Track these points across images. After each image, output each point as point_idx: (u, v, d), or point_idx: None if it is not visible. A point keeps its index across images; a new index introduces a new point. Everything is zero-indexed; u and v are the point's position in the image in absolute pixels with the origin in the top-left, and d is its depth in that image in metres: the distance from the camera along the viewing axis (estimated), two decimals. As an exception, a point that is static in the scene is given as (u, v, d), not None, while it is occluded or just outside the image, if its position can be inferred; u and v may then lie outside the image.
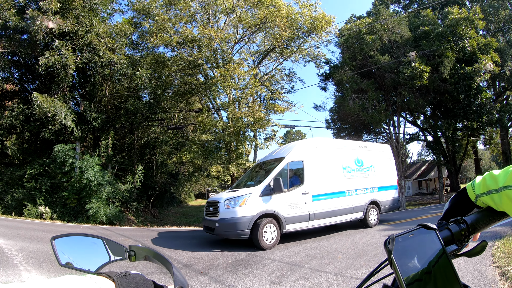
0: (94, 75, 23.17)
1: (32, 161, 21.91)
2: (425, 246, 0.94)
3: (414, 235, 0.97)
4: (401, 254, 0.92)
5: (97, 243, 1.30)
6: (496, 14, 33.22)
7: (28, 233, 12.52)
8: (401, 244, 0.94)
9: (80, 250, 1.29)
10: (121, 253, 1.28)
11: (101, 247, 1.28)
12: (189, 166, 24.81)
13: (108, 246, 1.28)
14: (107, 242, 1.29)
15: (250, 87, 22.85)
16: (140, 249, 1.27)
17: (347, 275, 7.00)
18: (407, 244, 0.95)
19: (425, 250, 0.93)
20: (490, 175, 1.05)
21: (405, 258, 0.91)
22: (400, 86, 28.01)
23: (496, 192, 1.00)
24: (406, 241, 0.95)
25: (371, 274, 1.08)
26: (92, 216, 19.35)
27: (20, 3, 20.70)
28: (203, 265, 8.33)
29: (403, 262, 0.90)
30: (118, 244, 1.29)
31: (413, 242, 0.95)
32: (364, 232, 13.33)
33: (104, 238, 1.30)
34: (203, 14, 25.22)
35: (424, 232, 0.97)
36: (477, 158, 45.68)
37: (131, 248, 1.28)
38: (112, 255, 1.27)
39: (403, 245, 0.94)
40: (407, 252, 0.93)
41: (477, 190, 1.08)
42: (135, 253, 1.27)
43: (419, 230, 0.98)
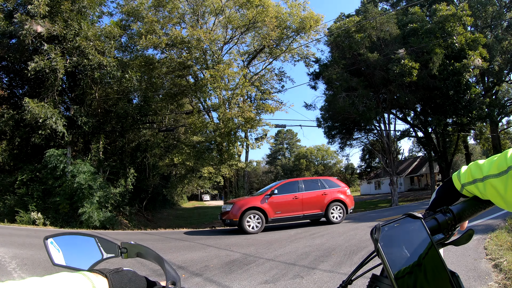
0: (83, 79, 23.04)
1: (23, 167, 21.74)
2: (411, 235, 0.95)
3: (400, 224, 0.98)
4: (388, 243, 0.93)
5: (89, 241, 1.30)
6: (483, 10, 33.42)
7: (21, 240, 12.42)
8: (387, 233, 0.95)
9: (73, 249, 1.30)
10: (113, 250, 1.29)
11: (93, 245, 1.29)
12: (181, 168, 24.82)
13: (101, 244, 1.29)
14: (99, 240, 1.30)
15: (240, 88, 22.89)
16: (132, 246, 1.28)
17: (341, 272, 7.02)
18: (393, 233, 0.96)
19: (411, 239, 0.94)
20: (475, 164, 1.07)
21: (392, 247, 0.92)
22: (390, 83, 28.11)
23: (480, 181, 1.02)
24: (392, 230, 0.96)
25: (361, 265, 1.09)
26: (85, 221, 19.26)
27: (8, 7, 20.56)
28: (197, 267, 8.31)
29: (390, 251, 0.91)
30: (110, 241, 1.30)
31: (399, 231, 0.96)
32: (358, 229, 13.39)
33: (96, 236, 1.31)
34: (192, 15, 25.21)
35: (410, 221, 0.98)
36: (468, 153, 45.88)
37: (123, 245, 1.28)
38: (104, 252, 1.28)
39: (389, 234, 0.95)
40: (394, 241, 0.94)
41: (462, 179, 1.11)
42: (127, 250, 1.28)
43: (405, 219, 0.99)
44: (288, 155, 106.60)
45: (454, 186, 1.14)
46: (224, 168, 21.65)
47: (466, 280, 5.82)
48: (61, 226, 19.45)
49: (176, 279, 1.04)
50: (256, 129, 24.30)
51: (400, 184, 50.78)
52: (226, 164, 21.94)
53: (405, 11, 32.00)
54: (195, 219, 33.18)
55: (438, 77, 27.53)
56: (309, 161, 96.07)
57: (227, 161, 22.20)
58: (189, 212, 43.89)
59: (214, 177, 21.75)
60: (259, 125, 24.07)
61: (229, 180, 23.99)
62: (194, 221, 30.87)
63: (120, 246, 1.29)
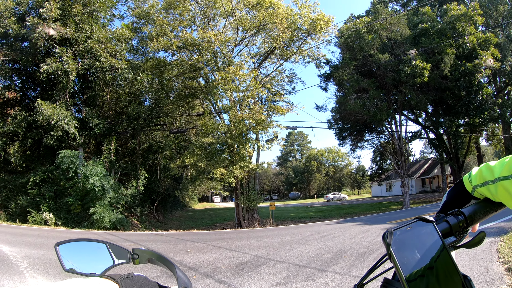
0: (95, 81, 23.23)
1: (35, 168, 21.96)
2: (423, 239, 0.95)
3: (412, 228, 0.98)
4: (400, 247, 0.93)
5: (100, 247, 1.32)
6: (495, 10, 33.14)
7: (33, 240, 12.54)
8: (399, 237, 0.96)
9: (84, 255, 1.31)
10: (124, 256, 1.30)
11: (104, 252, 1.30)
12: (192, 169, 24.82)
13: (112, 250, 1.30)
14: (110, 246, 1.31)
15: (251, 89, 22.87)
16: (143, 252, 1.29)
17: (353, 275, 7.00)
18: (405, 237, 0.96)
19: (423, 243, 0.94)
20: (486, 166, 1.06)
21: (404, 251, 0.93)
22: (401, 84, 27.94)
23: (492, 183, 1.01)
24: (404, 234, 0.97)
25: (372, 269, 1.09)
26: (96, 222, 19.38)
27: (20, 11, 20.77)
28: (208, 268, 8.33)
29: (402, 255, 0.91)
30: (121, 247, 1.31)
31: (411, 235, 0.96)
32: (369, 231, 13.34)
33: (107, 242, 1.32)
34: (203, 17, 25.26)
35: (421, 224, 0.98)
36: (480, 154, 45.49)
37: (135, 251, 1.30)
38: (116, 258, 1.29)
39: (401, 238, 0.95)
40: (406, 245, 0.94)
41: (473, 181, 1.09)
42: (139, 256, 1.29)
43: (417, 222, 0.99)
44: (299, 156, 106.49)
45: (465, 188, 1.13)
46: (236, 169, 21.66)
47: (479, 284, 5.76)
48: (73, 226, 19.59)
49: (188, 285, 1.04)
50: (267, 131, 24.25)
51: (411, 186, 50.40)
52: (238, 165, 21.95)
53: (415, 11, 31.82)
54: (206, 221, 33.25)
55: (450, 78, 27.34)
56: (320, 163, 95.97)
57: (239, 162, 22.22)
58: (200, 214, 43.97)
59: (226, 178, 21.74)
60: (270, 127, 24.05)
61: (240, 181, 23.98)
62: (205, 223, 30.94)
63: (132, 252, 1.30)
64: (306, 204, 61.71)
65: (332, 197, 71.12)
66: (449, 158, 35.32)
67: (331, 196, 72.07)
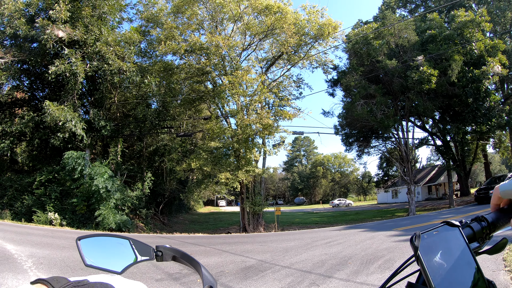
0: (103, 83, 23.36)
1: (41, 168, 22.08)
2: (449, 243, 0.97)
3: (439, 232, 0.99)
4: (427, 250, 0.94)
5: (123, 243, 1.31)
6: (502, 16, 33.06)
7: (38, 239, 12.59)
8: (426, 240, 0.96)
9: (106, 251, 1.31)
10: (148, 253, 1.29)
11: (127, 248, 1.30)
12: (198, 173, 24.85)
13: (135, 246, 1.30)
14: (133, 243, 1.30)
15: (258, 94, 22.89)
16: (167, 249, 1.29)
17: (357, 281, 6.96)
18: (432, 241, 0.97)
19: (449, 247, 0.96)
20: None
21: (431, 254, 0.94)
22: (408, 91, 27.85)
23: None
24: (431, 238, 0.98)
25: (395, 273, 1.09)
26: (101, 223, 19.43)
27: (30, 12, 20.92)
28: (213, 272, 8.30)
29: (429, 258, 0.93)
30: (145, 244, 1.30)
31: (438, 239, 0.98)
32: (374, 238, 13.28)
33: (130, 238, 1.32)
34: (211, 21, 25.35)
35: (448, 229, 1.00)
36: (487, 161, 45.30)
37: (158, 248, 1.29)
38: (139, 255, 1.29)
39: (428, 242, 0.96)
40: (432, 249, 0.95)
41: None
42: (162, 253, 1.28)
43: (443, 227, 1.01)
44: (305, 162, 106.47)
45: None
46: (241, 173, 21.66)
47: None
48: (78, 227, 19.67)
49: (213, 284, 1.04)
50: (274, 136, 24.27)
51: (417, 193, 50.10)
52: (244, 170, 21.94)
53: (423, 18, 31.77)
54: (210, 225, 33.27)
55: (457, 84, 27.23)
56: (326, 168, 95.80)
57: (244, 167, 22.22)
58: (205, 217, 43.99)
59: (231, 183, 21.73)
60: (277, 132, 24.06)
61: (245, 186, 23.97)
62: (209, 226, 30.95)
63: (155, 249, 1.29)
64: (312, 209, 61.59)
65: (337, 203, 70.94)
66: (456, 165, 35.14)
67: (336, 202, 71.90)
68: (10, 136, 22.27)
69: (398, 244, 11.27)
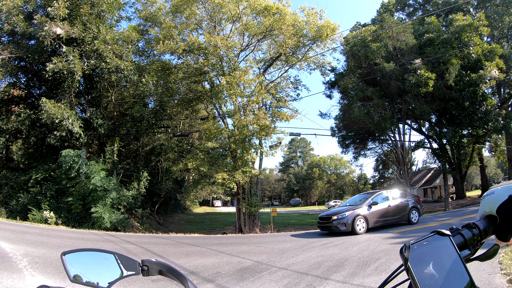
0: (100, 82, 23.31)
1: (37, 166, 22.01)
2: (440, 253, 0.96)
3: (429, 242, 0.99)
4: (417, 261, 0.94)
5: (108, 258, 1.29)
6: (500, 21, 33.20)
7: (33, 238, 12.55)
8: (416, 251, 0.96)
9: (91, 265, 1.29)
10: (133, 268, 1.28)
11: (112, 262, 1.28)
12: (194, 173, 24.80)
13: (120, 261, 1.28)
14: (119, 257, 1.29)
15: (255, 95, 22.88)
16: (153, 263, 1.27)
17: (354, 283, 6.96)
18: (422, 251, 0.96)
19: (440, 257, 0.95)
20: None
21: (421, 265, 0.93)
22: (405, 94, 27.95)
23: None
24: (421, 248, 0.97)
25: (386, 282, 1.09)
26: (96, 222, 19.37)
27: (28, 9, 20.87)
28: (209, 273, 8.31)
29: (420, 270, 0.92)
30: (130, 258, 1.29)
31: (428, 249, 0.97)
32: (371, 240, 13.29)
33: (116, 253, 1.30)
34: (209, 22, 25.32)
35: (438, 238, 0.99)
36: (482, 165, 45.39)
37: (144, 262, 1.27)
38: (124, 270, 1.27)
39: (418, 252, 0.96)
40: (423, 259, 0.95)
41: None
42: (148, 267, 1.27)
43: (434, 236, 1.00)
44: (301, 163, 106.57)
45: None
46: (238, 174, 21.63)
47: (481, 296, 5.73)
48: (73, 226, 19.60)
49: None
50: (271, 137, 24.23)
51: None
52: (240, 170, 21.91)
53: (421, 21, 31.89)
54: (206, 225, 33.21)
55: (454, 88, 27.35)
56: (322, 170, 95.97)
57: (241, 167, 22.19)
58: (201, 218, 43.93)
59: (228, 183, 21.70)
60: (274, 133, 24.03)
61: (242, 187, 23.95)
62: (205, 227, 30.90)
63: (141, 264, 1.28)
64: (307, 211, 61.61)
65: (333, 204, 70.84)
66: (452, 168, 35.28)
67: (332, 203, 71.85)
68: (6, 133, 22.20)
69: (395, 246, 11.28)
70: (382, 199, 17.27)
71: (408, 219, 17.47)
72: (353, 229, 15.35)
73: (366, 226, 15.83)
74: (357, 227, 15.48)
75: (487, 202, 1.12)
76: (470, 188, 76.07)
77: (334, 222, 15.85)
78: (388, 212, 16.92)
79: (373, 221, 16.26)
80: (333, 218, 15.96)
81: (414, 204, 18.03)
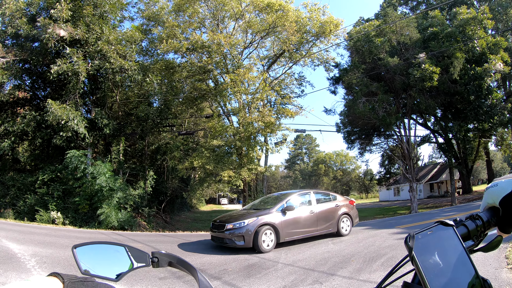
0: (105, 82, 23.34)
1: (44, 167, 22.07)
2: (444, 242, 0.97)
3: (433, 232, 1.00)
4: (422, 250, 0.95)
5: (119, 250, 1.31)
6: (504, 13, 32.98)
7: (41, 238, 12.60)
8: (421, 241, 0.97)
9: (102, 258, 1.30)
10: (144, 259, 1.29)
11: (123, 255, 1.29)
12: (200, 171, 24.84)
13: (131, 253, 1.29)
14: (129, 249, 1.30)
15: (260, 92, 22.89)
16: (163, 255, 1.28)
17: (360, 279, 6.97)
18: (426, 241, 0.98)
19: (444, 247, 0.96)
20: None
21: (426, 255, 0.94)
22: (410, 88, 27.82)
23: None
24: (425, 238, 0.98)
25: (391, 272, 1.10)
26: (103, 221, 19.44)
27: (31, 11, 20.90)
28: (216, 270, 8.33)
29: (424, 259, 0.93)
30: (140, 251, 1.30)
31: (432, 239, 0.98)
32: (377, 235, 13.27)
33: (126, 245, 1.31)
34: (212, 20, 25.35)
35: (442, 228, 1.00)
36: (489, 159, 45.18)
37: (154, 254, 1.29)
38: (135, 262, 1.28)
39: (422, 242, 0.97)
40: (427, 249, 0.96)
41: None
42: (158, 259, 1.28)
43: (437, 226, 1.01)
44: (306, 160, 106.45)
45: None
46: (244, 171, 21.65)
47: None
48: (80, 226, 19.66)
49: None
50: (276, 134, 24.31)
51: (419, 190, 50.07)
52: (246, 168, 21.94)
53: (425, 15, 31.71)
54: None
55: (459, 82, 27.18)
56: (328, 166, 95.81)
57: (247, 165, 22.21)
58: (207, 215, 43.93)
59: (234, 181, 21.72)
60: (279, 130, 24.08)
61: (248, 184, 23.97)
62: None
63: (151, 256, 1.29)
64: (314, 207, 61.36)
65: (339, 200, 70.73)
66: (458, 163, 35.11)
67: (338, 199, 71.72)
68: (12, 135, 22.27)
69: (401, 241, 11.24)
70: (302, 202, 13.11)
71: (337, 230, 13.45)
72: (256, 245, 10.87)
73: (276, 240, 11.40)
74: (261, 242, 10.93)
75: (490, 194, 1.14)
76: (476, 182, 75.66)
77: (226, 233, 11.40)
78: (309, 220, 12.63)
79: (287, 233, 11.75)
80: (228, 226, 11.51)
81: (345, 210, 13.96)
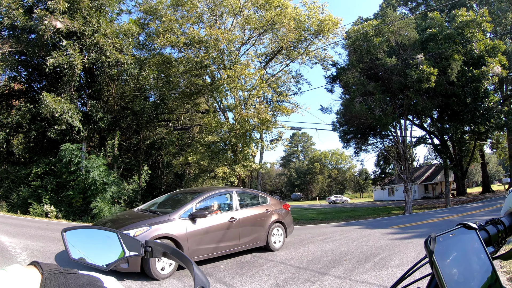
0: (101, 75, 23.24)
1: (38, 160, 21.98)
2: (466, 247, 0.91)
3: (455, 235, 0.93)
4: (442, 254, 0.88)
5: (111, 237, 1.24)
6: (503, 17, 33.08)
7: (33, 232, 12.53)
8: (442, 244, 0.90)
9: (92, 244, 1.25)
10: (136, 248, 1.22)
11: (115, 242, 1.23)
12: (195, 167, 24.79)
13: (123, 240, 1.23)
14: (122, 237, 1.23)
15: (256, 89, 22.83)
16: (157, 245, 1.21)
17: (353, 279, 6.94)
18: (447, 244, 0.91)
19: (466, 251, 0.90)
20: None
21: (446, 259, 0.87)
22: (407, 89, 27.84)
23: None
24: (447, 241, 0.91)
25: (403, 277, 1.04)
26: (97, 215, 19.37)
27: (28, 2, 20.74)
28: (207, 267, 8.29)
29: (444, 264, 0.86)
30: (133, 238, 1.23)
31: (453, 242, 0.91)
32: (370, 235, 13.26)
33: (119, 231, 1.25)
34: (210, 15, 25.26)
35: (464, 231, 0.94)
36: (484, 162, 45.42)
37: (148, 243, 1.22)
38: (127, 250, 1.22)
39: (444, 245, 0.90)
40: (448, 253, 0.89)
41: None
42: (152, 249, 1.21)
43: (460, 229, 0.94)
44: (302, 158, 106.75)
45: None
46: (239, 168, 21.62)
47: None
48: (73, 219, 19.60)
49: (205, 284, 0.98)
50: (272, 131, 24.25)
51: (414, 191, 50.21)
52: (241, 164, 21.91)
53: (424, 16, 31.76)
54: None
55: (456, 84, 27.23)
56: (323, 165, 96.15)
57: (242, 161, 22.19)
58: (201, 212, 43.94)
59: (228, 177, 21.69)
60: (275, 127, 24.04)
61: (242, 181, 23.94)
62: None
63: (145, 245, 1.23)
64: (308, 205, 61.67)
65: (334, 199, 71.18)
66: (453, 164, 35.25)
67: (333, 198, 72.16)
68: (7, 127, 22.15)
69: (394, 242, 11.25)
70: (220, 206, 9.75)
71: (266, 243, 10.17)
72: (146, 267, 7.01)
73: None
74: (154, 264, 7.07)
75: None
76: (471, 184, 76.07)
77: None
78: (229, 230, 9.07)
79: (194, 250, 8.00)
80: None
81: (277, 217, 10.63)
